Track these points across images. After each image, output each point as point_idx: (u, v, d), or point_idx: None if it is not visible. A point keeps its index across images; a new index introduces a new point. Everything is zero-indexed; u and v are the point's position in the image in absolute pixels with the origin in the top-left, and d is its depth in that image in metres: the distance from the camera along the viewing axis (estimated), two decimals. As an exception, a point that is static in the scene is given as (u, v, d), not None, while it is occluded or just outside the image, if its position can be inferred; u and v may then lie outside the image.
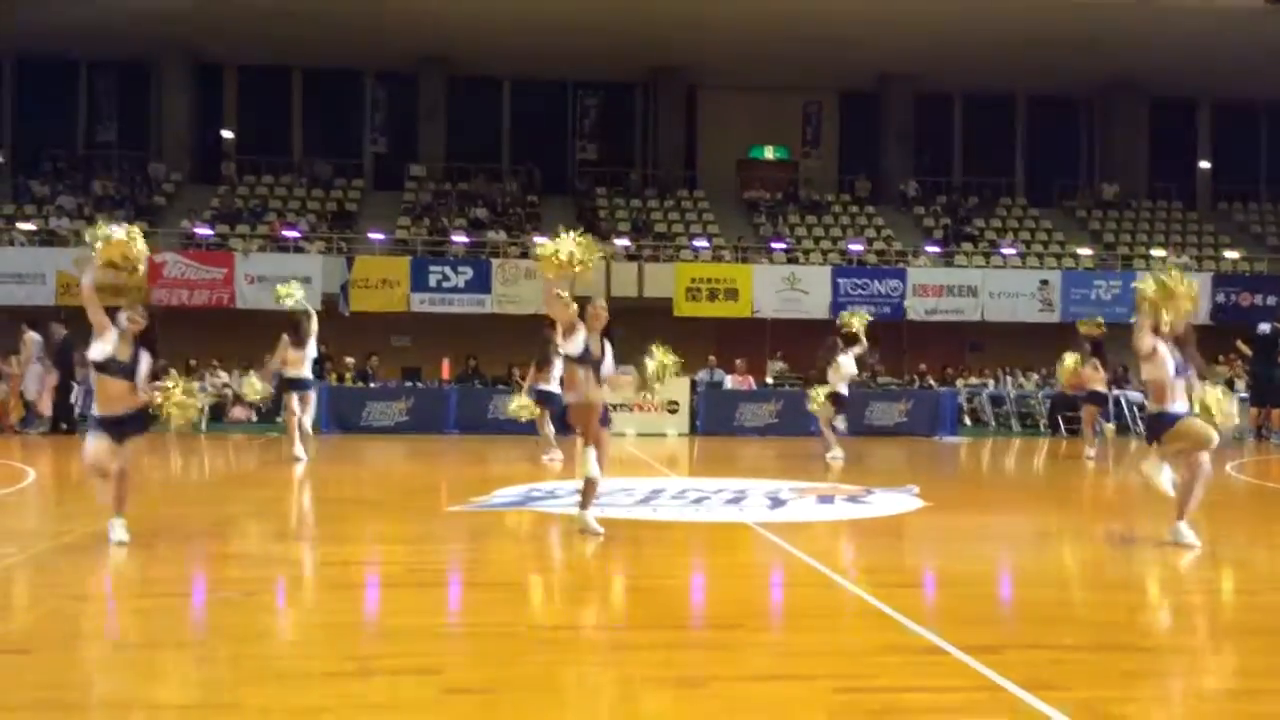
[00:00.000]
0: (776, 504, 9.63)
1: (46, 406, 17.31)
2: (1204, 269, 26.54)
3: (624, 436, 17.89)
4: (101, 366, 6.99)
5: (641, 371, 8.06)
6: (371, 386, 19.99)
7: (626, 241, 25.56)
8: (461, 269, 23.71)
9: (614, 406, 18.65)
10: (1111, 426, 16.27)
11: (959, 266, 26.05)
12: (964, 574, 6.84)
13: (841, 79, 30.14)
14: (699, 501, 9.77)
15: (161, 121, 28.68)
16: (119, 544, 6.89)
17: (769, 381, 22.08)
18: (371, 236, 25.06)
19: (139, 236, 7.22)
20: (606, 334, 7.72)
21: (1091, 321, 15.11)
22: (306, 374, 13.29)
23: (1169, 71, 28.41)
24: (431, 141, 29.39)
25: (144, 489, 8.06)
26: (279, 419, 15.98)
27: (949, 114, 31.81)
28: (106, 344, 6.97)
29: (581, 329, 7.54)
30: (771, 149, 30.87)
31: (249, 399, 14.69)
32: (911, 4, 24.61)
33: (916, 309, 24.68)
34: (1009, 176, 31.67)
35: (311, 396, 13.45)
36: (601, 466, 7.67)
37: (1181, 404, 7.46)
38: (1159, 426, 7.53)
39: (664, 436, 18.74)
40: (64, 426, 17.01)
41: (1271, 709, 4.10)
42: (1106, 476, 13.56)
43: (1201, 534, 7.38)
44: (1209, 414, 7.38)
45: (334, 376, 20.13)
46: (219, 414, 20.51)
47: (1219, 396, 7.52)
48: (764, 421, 19.51)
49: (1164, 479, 7.48)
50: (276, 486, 11.61)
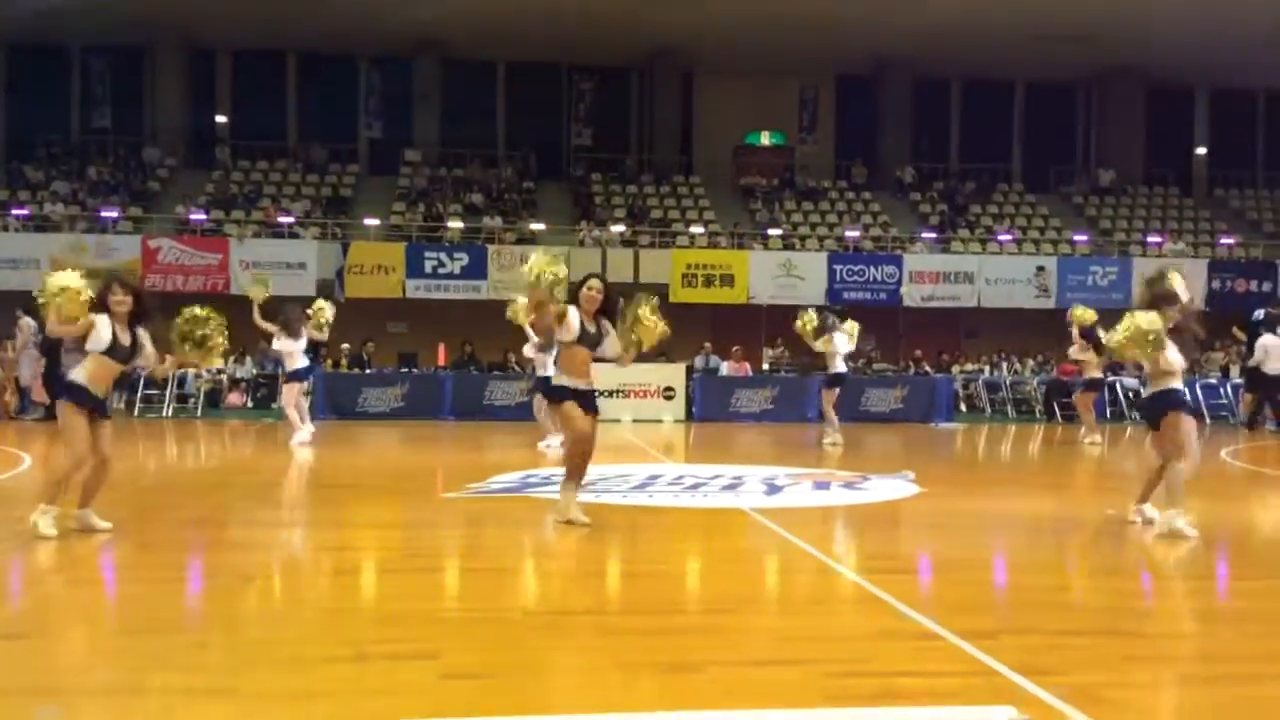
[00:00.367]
0: (773, 490, 9.64)
1: (40, 393, 17.26)
2: (1200, 255, 26.58)
3: (619, 423, 17.90)
4: (108, 353, 6.90)
5: (622, 329, 7.61)
6: (367, 373, 19.98)
7: (622, 227, 25.53)
8: (457, 255, 23.68)
9: (608, 393, 18.73)
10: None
11: (955, 253, 26.06)
12: (959, 559, 6.86)
13: (838, 63, 30.09)
14: (695, 487, 9.78)
15: (155, 107, 28.58)
16: (104, 531, 6.87)
17: (765, 368, 22.09)
18: (366, 222, 25.00)
19: (84, 287, 6.94)
20: (605, 312, 7.49)
21: (1081, 312, 14.94)
22: (302, 363, 13.80)
23: (1166, 58, 28.38)
24: (426, 126, 29.31)
25: (140, 475, 8.05)
26: (275, 404, 16.07)
27: (946, 100, 31.77)
28: (104, 333, 6.90)
29: (573, 314, 7.34)
30: (768, 135, 30.80)
31: (252, 294, 14.31)
32: (908, -12, 24.59)
33: (913, 295, 24.68)
34: (1006, 163, 31.66)
35: (306, 384, 13.88)
36: (583, 459, 7.44)
37: (1180, 382, 7.49)
38: (1160, 409, 7.50)
39: (660, 423, 18.75)
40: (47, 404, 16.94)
41: (1267, 693, 4.11)
42: (1101, 462, 13.59)
43: (1196, 520, 7.38)
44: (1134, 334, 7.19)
45: (329, 363, 20.12)
46: (215, 400, 20.50)
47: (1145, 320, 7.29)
48: (760, 407, 19.52)
49: (1184, 525, 7.32)
50: (273, 472, 11.61)
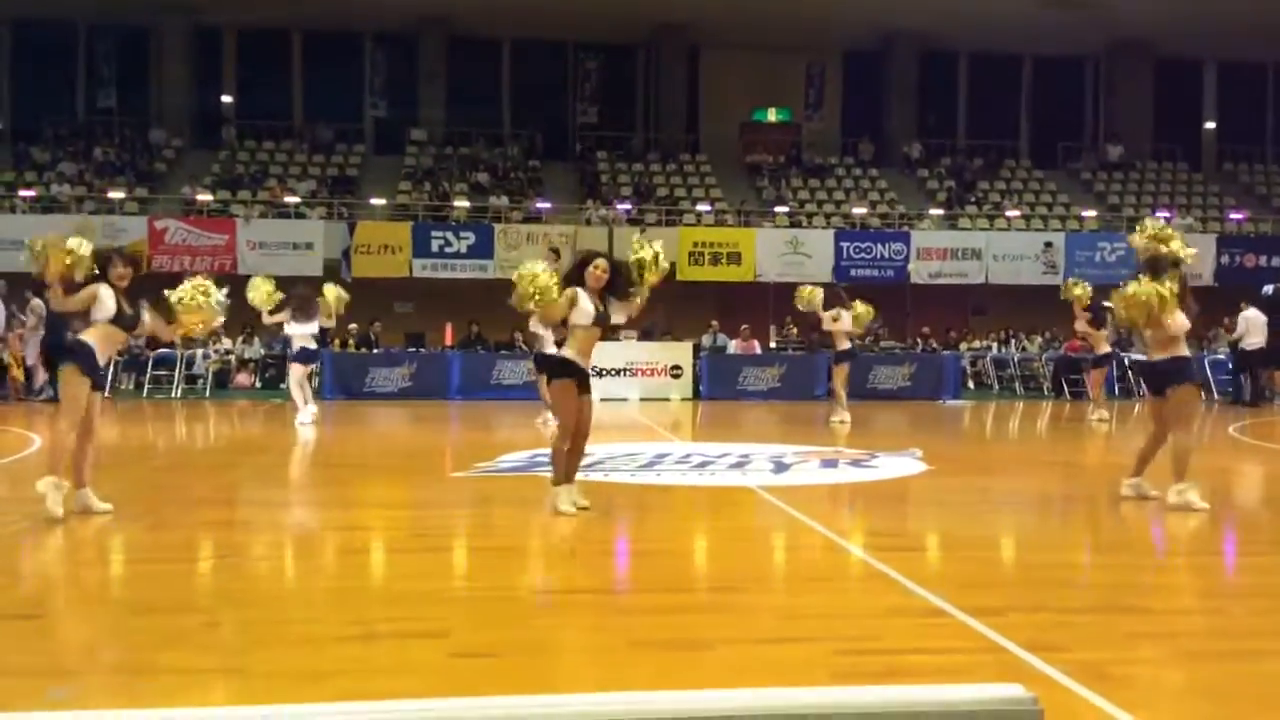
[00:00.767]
0: (780, 468, 9.65)
1: (43, 374, 17.30)
2: (1209, 230, 26.46)
3: (626, 401, 17.92)
4: (114, 321, 6.96)
5: (642, 271, 7.53)
6: (374, 352, 20.00)
7: (628, 206, 25.49)
8: (464, 234, 23.65)
9: (615, 371, 18.74)
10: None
11: (963, 229, 25.98)
12: (967, 537, 6.86)
13: (845, 39, 29.94)
14: (703, 466, 9.79)
15: (161, 87, 28.55)
16: (104, 513, 6.90)
17: (772, 346, 22.07)
18: (373, 202, 24.99)
19: (85, 246, 6.96)
20: (610, 290, 7.40)
21: (1082, 290, 14.57)
22: (310, 345, 14.08)
23: (1174, 32, 28.17)
24: (432, 105, 29.24)
25: (149, 455, 8.08)
26: (283, 385, 16.13)
27: (953, 75, 31.61)
28: (109, 302, 6.95)
29: (582, 297, 7.24)
30: (774, 111, 30.68)
31: (256, 301, 14.45)
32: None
33: (920, 272, 24.62)
34: (1013, 138, 31.51)
35: (313, 366, 14.06)
36: (583, 443, 7.32)
37: (1186, 349, 7.52)
38: (1166, 377, 7.50)
39: (667, 401, 18.76)
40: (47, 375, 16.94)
41: (1274, 668, 4.11)
42: (1109, 438, 13.57)
43: (1205, 496, 7.38)
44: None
45: (337, 343, 20.14)
46: (223, 380, 20.56)
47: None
48: (767, 386, 19.51)
49: (1195, 498, 7.37)
50: (281, 452, 11.65)
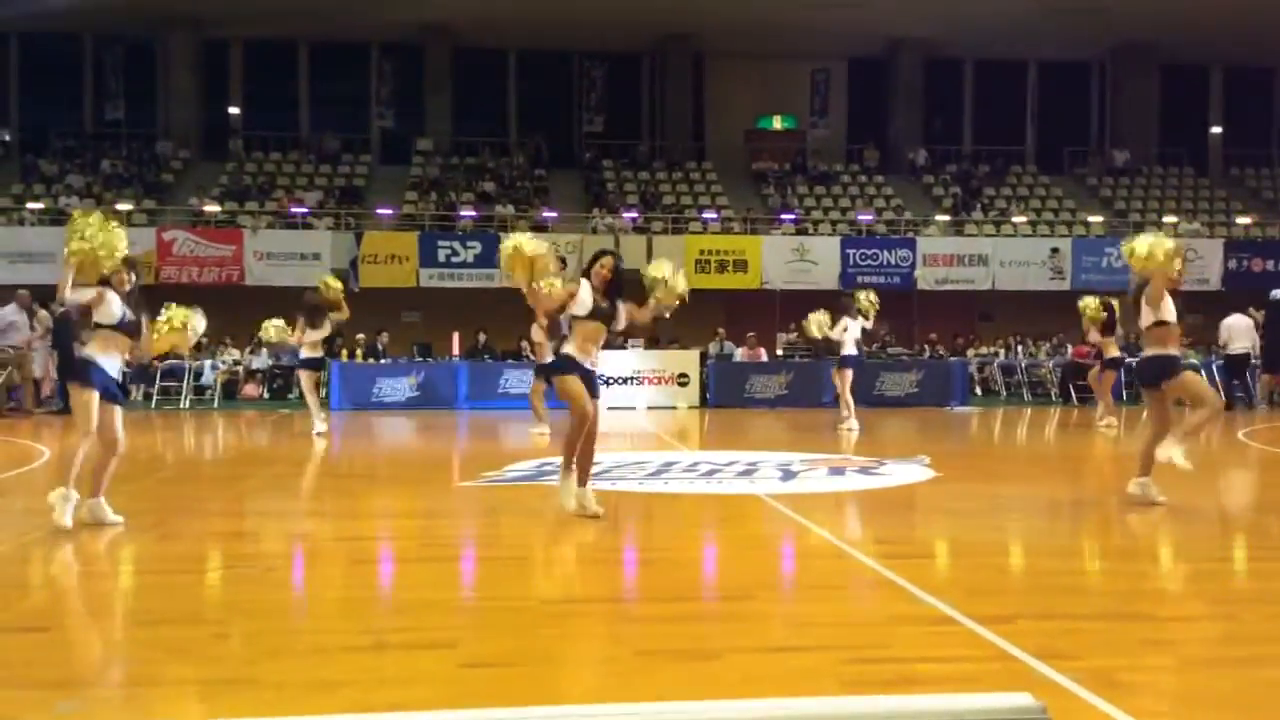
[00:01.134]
0: (788, 476, 9.64)
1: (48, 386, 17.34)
2: (1216, 235, 26.42)
3: (634, 410, 17.92)
4: (118, 327, 6.98)
5: (651, 289, 7.62)
6: (382, 362, 20.04)
7: (635, 214, 25.51)
8: (470, 244, 23.70)
9: (622, 380, 18.74)
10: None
11: (969, 235, 25.95)
12: (976, 544, 6.85)
13: (850, 45, 29.96)
14: (711, 474, 9.78)
15: (168, 99, 28.67)
16: (114, 525, 6.92)
17: (779, 353, 22.06)
18: (379, 212, 25.04)
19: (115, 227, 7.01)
20: (614, 289, 7.37)
21: (1095, 310, 14.67)
22: (318, 353, 14.18)
23: (1179, 36, 28.15)
24: (438, 115, 29.32)
25: (158, 466, 8.09)
26: (291, 395, 16.19)
27: (959, 81, 31.62)
28: (114, 307, 6.97)
29: (584, 289, 7.25)
30: (779, 119, 30.72)
31: (268, 340, 14.75)
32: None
33: (926, 279, 24.60)
34: (1019, 144, 31.49)
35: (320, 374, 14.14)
36: (591, 445, 7.35)
37: (1179, 351, 7.66)
38: (1159, 369, 7.69)
39: (674, 409, 18.76)
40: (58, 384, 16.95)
41: (1284, 676, 4.10)
42: (1118, 444, 13.53)
43: (1214, 501, 7.37)
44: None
45: (344, 353, 20.18)
46: (231, 391, 20.60)
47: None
48: (775, 393, 19.51)
49: (1181, 458, 7.48)
50: (289, 463, 11.67)
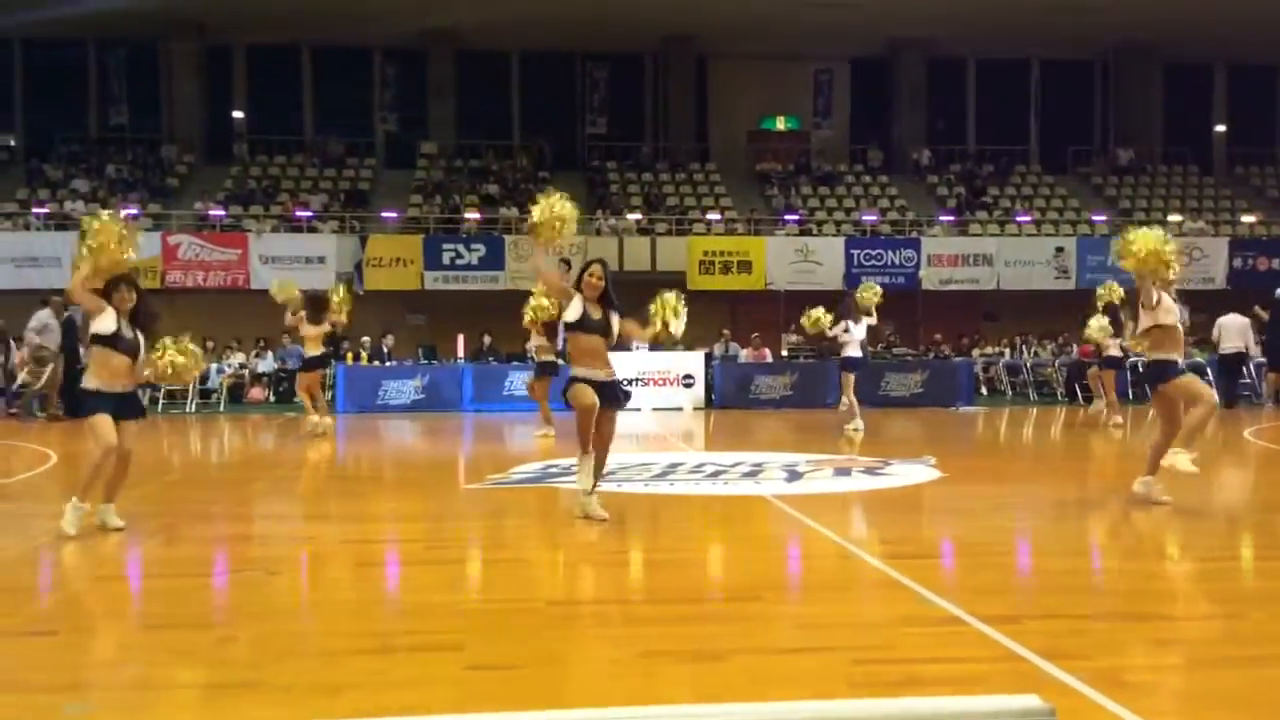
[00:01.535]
0: (793, 476, 9.63)
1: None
2: (1220, 233, 26.37)
3: (639, 411, 17.92)
4: (109, 340, 6.94)
5: (652, 318, 7.68)
6: (387, 365, 20.05)
7: (638, 215, 25.52)
8: (474, 246, 23.72)
9: (627, 380, 18.74)
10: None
11: (973, 235, 25.93)
12: (982, 544, 6.84)
13: (852, 46, 29.95)
14: (716, 475, 9.78)
15: (172, 103, 28.72)
16: (117, 529, 6.93)
17: (784, 354, 22.06)
18: (384, 215, 25.07)
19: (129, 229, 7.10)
20: (606, 301, 7.37)
21: (1109, 289, 14.99)
22: (319, 350, 14.13)
23: (1184, 34, 28.12)
24: (442, 118, 29.36)
25: (165, 471, 8.10)
26: (296, 399, 16.20)
27: (962, 80, 31.59)
28: (109, 320, 6.97)
29: (578, 298, 7.27)
30: (783, 119, 30.72)
31: (279, 295, 14.75)
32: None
33: (931, 279, 24.58)
34: (1023, 143, 31.46)
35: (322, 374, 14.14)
36: (602, 454, 7.36)
37: (1179, 354, 7.71)
38: (1155, 374, 7.77)
39: (679, 410, 18.75)
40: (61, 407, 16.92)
41: (1292, 675, 4.09)
42: (1123, 443, 13.52)
43: (1220, 500, 7.36)
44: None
45: (350, 356, 20.20)
46: (237, 394, 20.63)
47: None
48: (779, 394, 19.50)
49: (1187, 464, 7.52)
50: (295, 466, 11.68)
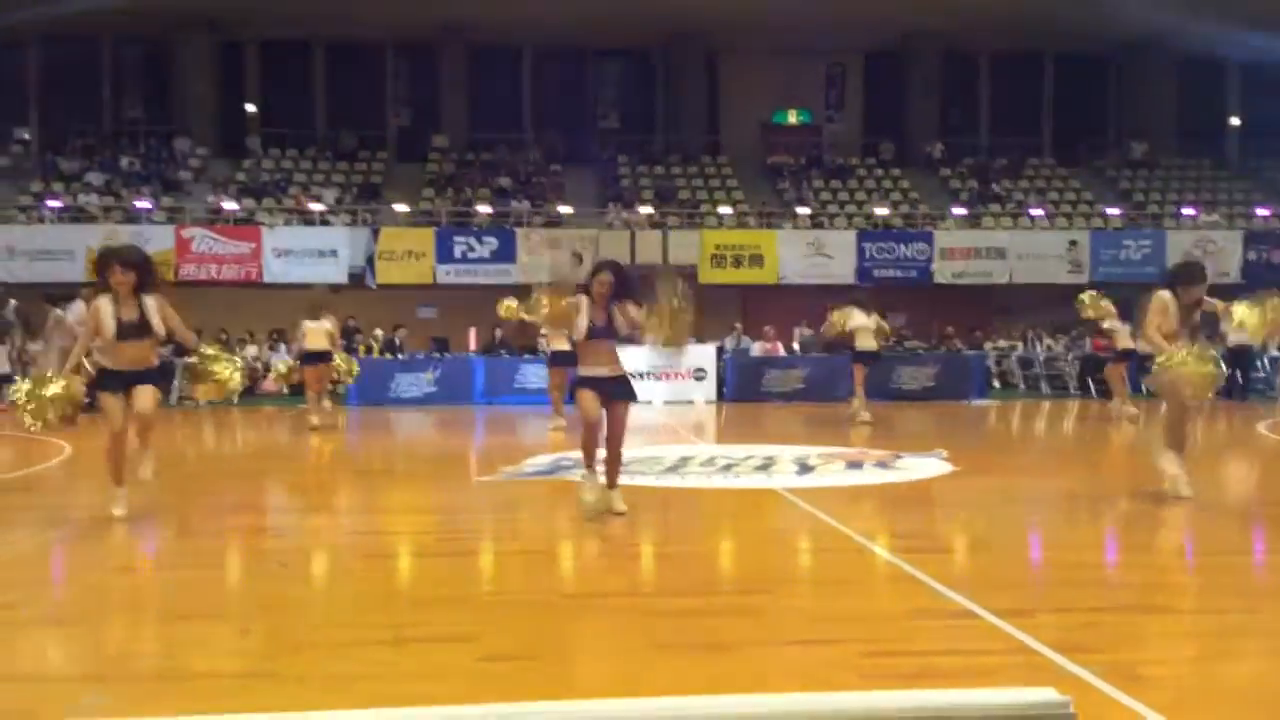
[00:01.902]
0: (805, 470, 9.63)
1: None
2: (1235, 227, 26.23)
3: (650, 404, 17.92)
4: (119, 335, 6.92)
5: (653, 318, 7.58)
6: (399, 358, 20.10)
7: (650, 209, 25.50)
8: (486, 239, 23.73)
9: (638, 375, 18.73)
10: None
11: (986, 229, 25.84)
12: (994, 538, 6.83)
13: (865, 39, 29.80)
14: (727, 468, 9.78)
15: (186, 97, 28.77)
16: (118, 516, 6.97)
17: (795, 348, 22.03)
18: (396, 208, 25.10)
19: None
20: (621, 295, 7.33)
21: (1092, 301, 14.48)
22: (322, 345, 14.12)
23: (1197, 27, 27.92)
24: (453, 112, 29.35)
25: (179, 463, 8.13)
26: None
27: (975, 74, 31.44)
28: (107, 321, 6.88)
29: (584, 307, 7.21)
30: (795, 113, 30.63)
31: (278, 374, 15.13)
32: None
33: (944, 272, 24.51)
34: (1036, 136, 31.32)
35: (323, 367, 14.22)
36: (615, 449, 7.33)
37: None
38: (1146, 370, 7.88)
39: (691, 404, 18.75)
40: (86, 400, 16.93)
41: (1306, 669, 4.08)
42: (1136, 437, 13.47)
43: (1234, 494, 7.33)
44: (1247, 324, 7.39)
45: (362, 349, 20.26)
46: (250, 388, 20.69)
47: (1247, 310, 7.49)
48: (791, 387, 19.47)
49: (1177, 474, 7.58)
50: (308, 458, 11.72)
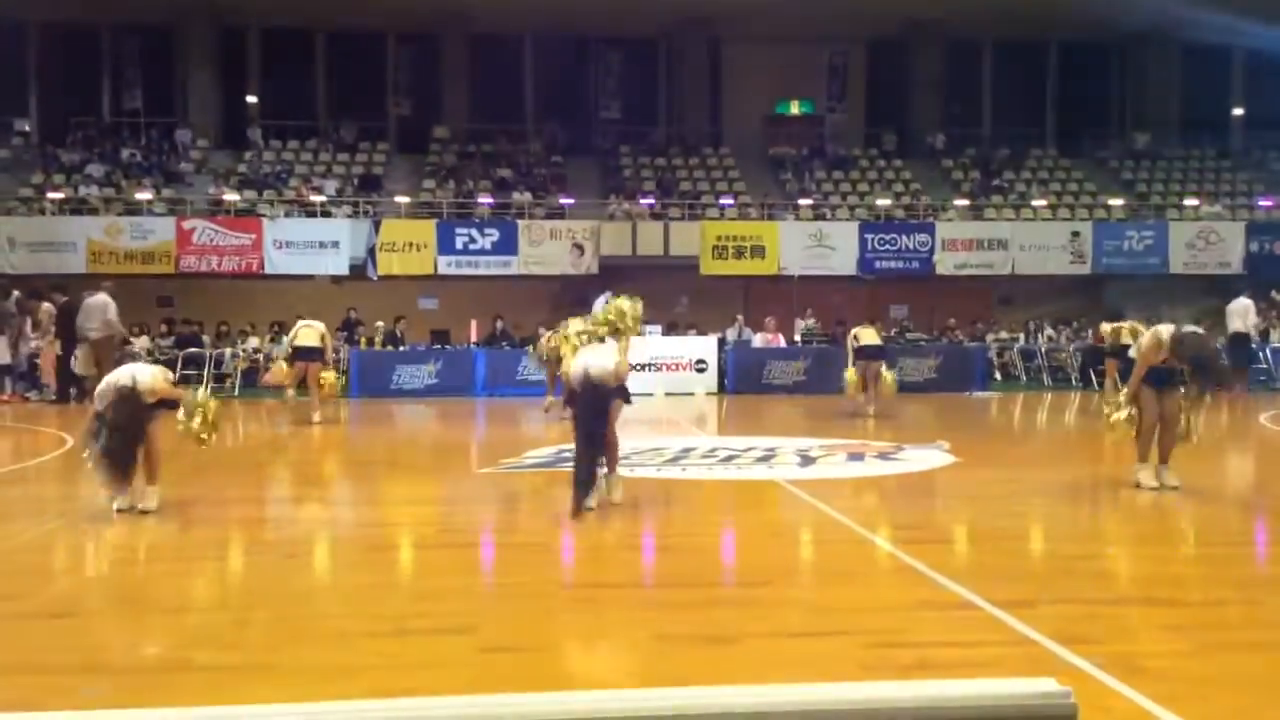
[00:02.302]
0: (806, 461, 9.63)
1: (50, 374, 17.35)
2: (1238, 218, 26.18)
3: (652, 396, 17.92)
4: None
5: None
6: (400, 350, 20.09)
7: (651, 200, 25.47)
8: (488, 231, 23.70)
9: (640, 366, 18.71)
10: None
11: (989, 219, 25.80)
12: (996, 529, 6.83)
13: (867, 28, 29.73)
14: (729, 460, 9.78)
15: (186, 88, 28.73)
16: (145, 512, 6.98)
17: (797, 339, 22.02)
18: (397, 200, 25.08)
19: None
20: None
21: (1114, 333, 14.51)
22: (311, 343, 14.05)
23: (1201, 17, 27.84)
24: (454, 103, 29.30)
25: (179, 455, 8.13)
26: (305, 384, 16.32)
27: (978, 64, 31.37)
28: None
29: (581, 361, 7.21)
30: (797, 103, 30.56)
31: (274, 380, 15.15)
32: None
33: (946, 264, 24.48)
34: (1039, 127, 31.26)
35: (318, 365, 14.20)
36: (612, 459, 7.36)
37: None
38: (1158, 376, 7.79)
39: (692, 395, 18.75)
40: (73, 391, 16.89)
41: (1308, 661, 4.07)
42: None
43: (1234, 485, 7.33)
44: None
45: (364, 341, 20.25)
46: (252, 379, 20.69)
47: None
48: (793, 379, 19.46)
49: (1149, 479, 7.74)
50: (309, 450, 11.72)
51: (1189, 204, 26.66)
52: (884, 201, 26.29)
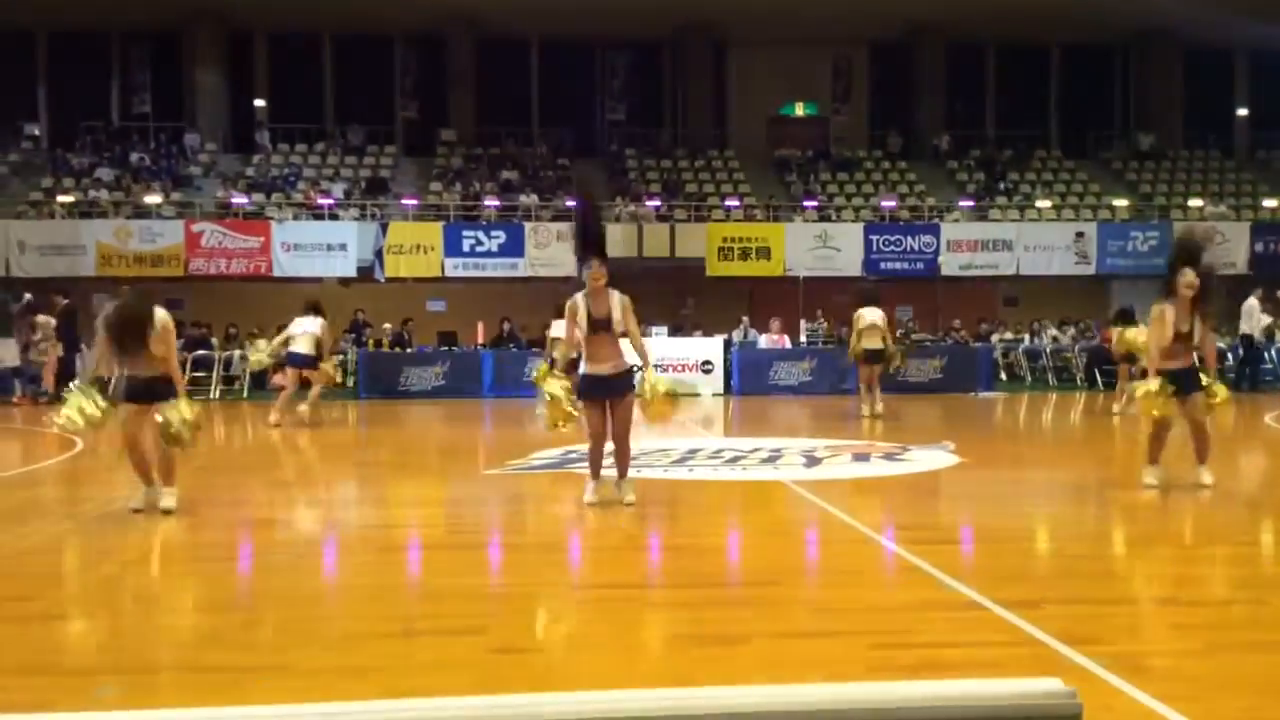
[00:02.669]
0: (812, 462, 9.65)
1: (50, 379, 17.39)
2: (1242, 218, 26.15)
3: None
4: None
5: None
6: (408, 351, 20.13)
7: (657, 202, 25.50)
8: (494, 233, 23.75)
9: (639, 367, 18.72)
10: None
11: (993, 220, 25.79)
12: (1001, 529, 6.84)
13: (871, 31, 29.74)
14: (735, 461, 9.80)
15: (195, 92, 28.81)
16: (166, 511, 7.02)
17: (803, 340, 22.02)
18: (405, 202, 25.13)
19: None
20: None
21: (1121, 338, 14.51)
22: (302, 349, 13.96)
23: (1205, 18, 27.83)
24: (462, 106, 29.36)
25: (188, 456, 8.17)
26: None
27: (981, 65, 31.35)
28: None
29: (581, 304, 7.27)
30: (802, 105, 30.58)
31: (253, 360, 15.22)
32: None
33: (950, 265, 24.48)
34: (1043, 128, 31.24)
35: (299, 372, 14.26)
36: (622, 443, 7.43)
37: (1179, 362, 7.69)
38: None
39: (698, 396, 18.76)
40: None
41: (1313, 661, 4.08)
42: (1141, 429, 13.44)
43: (1240, 485, 7.34)
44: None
45: (371, 342, 20.30)
46: (261, 381, 20.73)
47: None
48: (798, 380, 19.46)
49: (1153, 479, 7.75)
50: (318, 451, 11.76)
51: (1193, 204, 26.62)
52: (889, 203, 26.29)
